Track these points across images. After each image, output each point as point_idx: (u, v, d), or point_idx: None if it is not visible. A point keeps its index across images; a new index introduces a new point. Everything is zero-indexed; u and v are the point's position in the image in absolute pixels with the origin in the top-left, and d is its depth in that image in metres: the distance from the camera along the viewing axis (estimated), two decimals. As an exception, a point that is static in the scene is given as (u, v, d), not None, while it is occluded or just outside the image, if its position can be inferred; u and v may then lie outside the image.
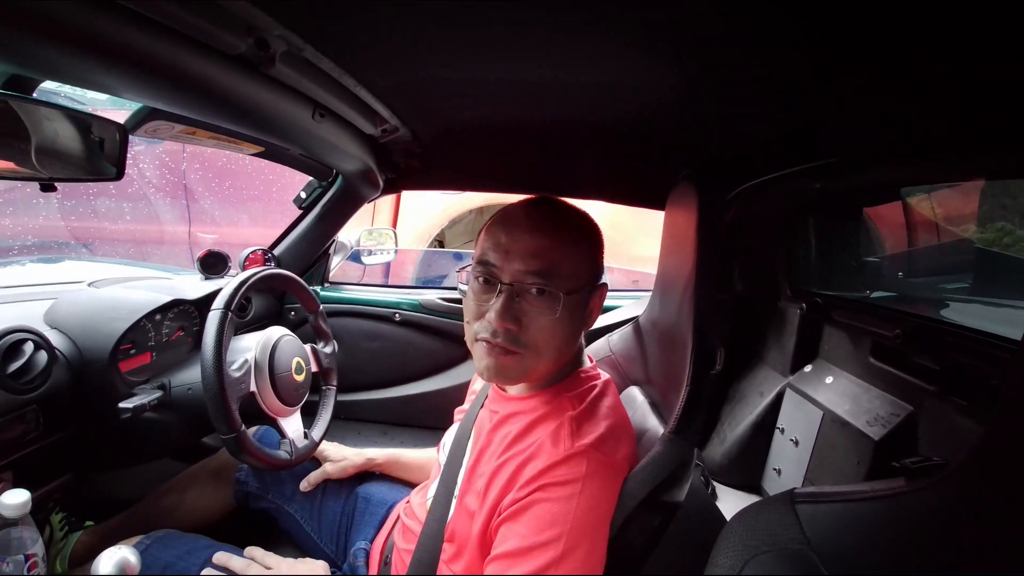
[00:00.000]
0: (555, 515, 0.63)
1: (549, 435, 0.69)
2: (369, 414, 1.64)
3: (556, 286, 0.69)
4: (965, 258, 1.76)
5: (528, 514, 0.64)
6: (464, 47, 0.69)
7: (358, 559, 0.95)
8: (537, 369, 0.72)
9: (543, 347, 0.70)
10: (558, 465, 0.65)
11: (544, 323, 0.69)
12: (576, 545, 0.62)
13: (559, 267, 0.69)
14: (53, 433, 0.92)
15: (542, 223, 0.72)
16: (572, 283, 0.70)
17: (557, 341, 0.71)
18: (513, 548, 0.63)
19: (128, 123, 0.90)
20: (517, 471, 0.68)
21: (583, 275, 0.72)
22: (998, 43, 0.53)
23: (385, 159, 1.29)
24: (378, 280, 2.82)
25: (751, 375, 1.75)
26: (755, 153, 1.13)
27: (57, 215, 3.02)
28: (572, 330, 0.73)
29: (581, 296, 0.72)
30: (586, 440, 0.67)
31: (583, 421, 0.70)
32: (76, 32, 0.52)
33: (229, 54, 0.64)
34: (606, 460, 0.67)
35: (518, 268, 0.69)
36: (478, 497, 0.72)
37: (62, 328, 1.00)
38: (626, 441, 0.72)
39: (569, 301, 0.69)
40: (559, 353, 0.73)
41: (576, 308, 0.72)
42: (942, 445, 1.07)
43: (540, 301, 0.69)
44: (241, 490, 1.10)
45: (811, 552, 0.47)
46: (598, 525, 0.64)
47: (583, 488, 0.64)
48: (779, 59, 0.67)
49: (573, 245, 0.72)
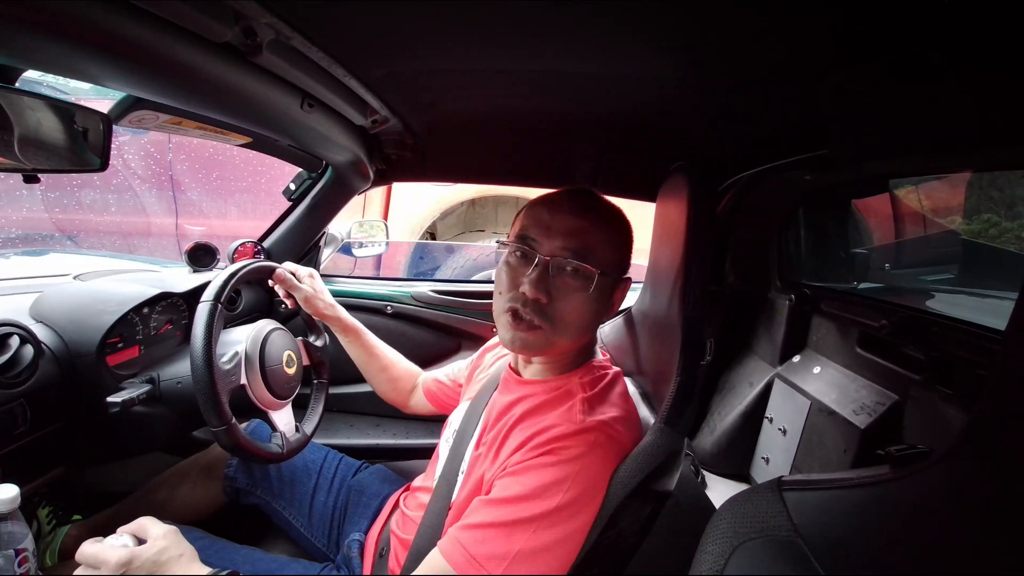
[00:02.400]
0: (557, 476, 0.65)
1: (561, 412, 0.71)
2: (361, 406, 1.64)
3: (592, 264, 0.72)
4: (951, 250, 1.78)
5: (531, 471, 0.66)
6: (457, 37, 0.68)
7: (352, 550, 0.95)
8: (557, 344, 0.75)
9: (568, 323, 0.73)
10: (569, 436, 0.67)
11: (574, 299, 0.73)
12: (570, 508, 0.64)
13: (595, 249, 0.73)
14: (41, 428, 0.91)
15: (584, 207, 0.76)
16: (604, 266, 0.73)
17: (581, 320, 0.75)
18: (510, 495, 0.65)
19: (112, 113, 0.89)
20: (527, 440, 0.70)
21: (613, 263, 0.76)
22: (988, 36, 0.54)
23: (376, 150, 1.28)
24: (369, 272, 2.81)
25: (741, 366, 1.77)
26: (746, 146, 1.14)
27: (41, 207, 2.96)
28: (595, 313, 0.76)
29: (609, 282, 0.75)
30: (598, 417, 0.70)
31: (595, 403, 0.73)
32: (58, 19, 0.50)
33: (215, 42, 0.63)
34: (617, 438, 0.69)
35: (557, 244, 0.73)
36: (481, 479, 0.74)
37: (48, 322, 0.98)
38: (634, 429, 0.74)
39: (600, 282, 0.72)
40: (579, 333, 0.76)
41: (602, 293, 0.75)
42: (927, 433, 1.09)
43: (573, 278, 0.72)
44: (231, 485, 1.10)
45: (798, 538, 0.48)
46: (594, 494, 0.66)
47: (589, 460, 0.66)
48: (772, 55, 0.67)
49: (609, 233, 0.76)
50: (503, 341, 0.76)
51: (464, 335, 1.66)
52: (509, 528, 0.64)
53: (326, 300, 1.13)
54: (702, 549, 0.53)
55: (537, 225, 0.75)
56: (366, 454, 1.29)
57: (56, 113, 0.75)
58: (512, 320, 0.74)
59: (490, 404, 0.86)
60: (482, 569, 0.62)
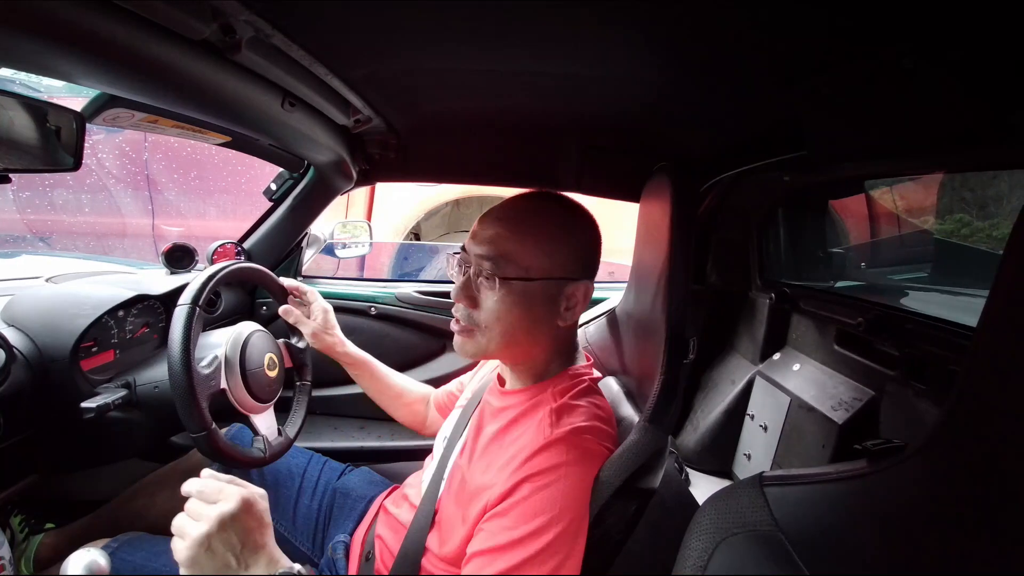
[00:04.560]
0: (538, 505, 0.64)
1: (532, 427, 0.72)
2: (346, 409, 1.62)
3: (501, 271, 0.72)
4: (925, 249, 1.83)
5: (514, 510, 0.65)
6: (440, 37, 0.68)
7: (337, 552, 0.94)
8: (491, 349, 0.76)
9: (491, 326, 0.74)
10: (539, 452, 0.67)
11: (490, 303, 0.73)
12: (561, 529, 0.64)
13: (513, 255, 0.73)
14: (13, 435, 0.88)
15: (508, 213, 0.76)
16: (520, 272, 0.73)
17: (504, 324, 0.74)
18: (502, 542, 0.64)
19: (86, 111, 0.86)
20: (504, 465, 0.70)
21: (537, 266, 0.73)
22: (962, 37, 0.55)
23: (359, 150, 1.27)
24: (353, 273, 2.78)
25: (723, 364, 1.80)
26: (727, 147, 1.15)
27: (12, 208, 2.88)
28: (526, 317, 0.74)
29: (536, 286, 0.73)
30: (564, 428, 0.69)
31: (563, 413, 0.72)
32: (30, 16, 0.49)
33: (193, 39, 0.62)
34: (584, 447, 0.69)
35: (476, 252, 0.75)
36: (463, 488, 0.74)
37: (20, 326, 0.95)
38: (605, 435, 0.73)
39: (517, 287, 0.72)
40: (511, 337, 0.75)
41: (532, 297, 0.74)
42: (902, 428, 1.12)
43: (489, 284, 0.73)
44: None
45: (779, 532, 0.49)
46: (580, 508, 0.66)
47: (565, 474, 0.66)
48: (753, 57, 0.68)
49: (535, 235, 0.74)
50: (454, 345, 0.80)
51: (449, 336, 1.63)
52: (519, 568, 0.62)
53: (337, 336, 1.10)
54: (686, 545, 0.54)
55: (471, 234, 0.78)
56: (350, 457, 1.28)
57: (28, 111, 0.73)
58: (454, 323, 0.78)
59: (476, 412, 0.86)
60: None
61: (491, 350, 0.76)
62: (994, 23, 0.52)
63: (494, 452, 0.74)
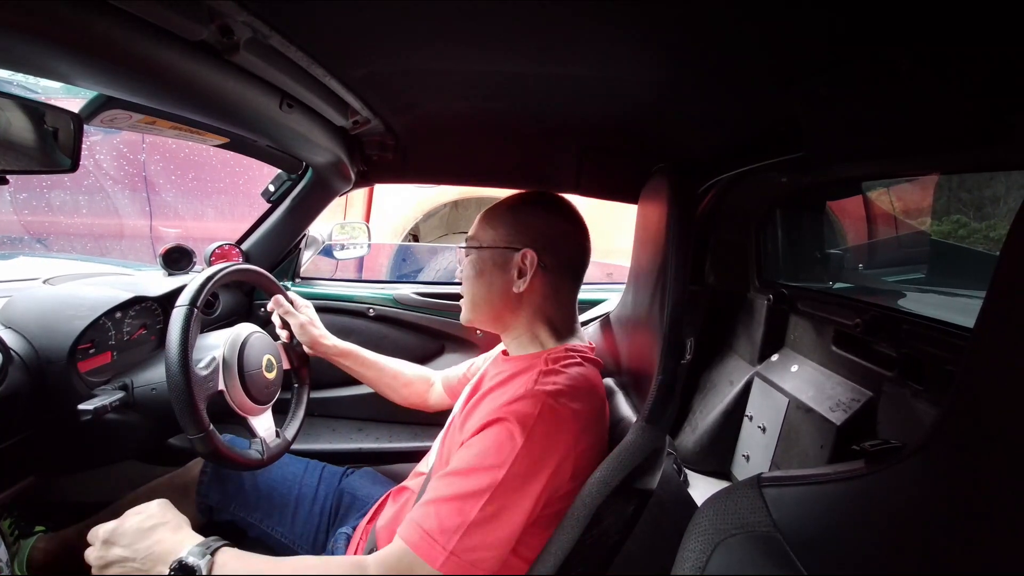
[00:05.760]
0: (501, 445, 0.68)
1: (519, 381, 0.77)
2: (343, 410, 1.62)
3: (466, 249, 0.90)
4: (922, 250, 1.84)
5: (479, 439, 0.70)
6: (438, 38, 0.68)
7: (338, 542, 0.94)
8: (468, 316, 0.92)
9: (464, 294, 0.91)
10: (516, 400, 0.71)
11: (466, 274, 0.90)
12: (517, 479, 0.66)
13: (473, 236, 0.90)
14: (10, 437, 0.88)
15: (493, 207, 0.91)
16: (474, 244, 0.89)
17: (468, 289, 0.90)
18: (461, 467, 0.69)
19: (83, 112, 0.86)
20: (486, 405, 0.75)
21: (485, 237, 0.88)
22: (959, 38, 0.56)
23: (357, 151, 1.27)
24: (351, 275, 2.78)
25: (721, 364, 1.80)
26: (725, 148, 1.16)
27: (9, 209, 2.87)
28: (482, 282, 0.88)
29: (484, 254, 0.87)
30: (545, 388, 0.73)
31: (548, 375, 0.76)
32: (27, 16, 0.49)
33: (190, 40, 0.62)
34: (558, 409, 0.71)
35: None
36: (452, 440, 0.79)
37: (17, 327, 0.95)
38: (583, 398, 0.75)
39: (472, 257, 0.89)
40: (476, 301, 0.90)
41: (483, 264, 0.88)
42: (899, 428, 1.12)
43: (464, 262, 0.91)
44: (203, 502, 1.07)
45: (777, 533, 0.49)
46: (542, 468, 0.68)
47: (532, 430, 0.68)
48: (753, 60, 0.68)
49: (486, 217, 0.90)
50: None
51: (447, 337, 1.65)
52: (461, 501, 0.66)
53: (322, 330, 1.16)
54: (684, 546, 0.54)
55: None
56: (349, 458, 1.28)
57: (26, 113, 0.73)
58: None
59: (478, 380, 0.93)
60: (435, 543, 0.64)
61: (469, 317, 0.91)
62: (991, 24, 0.52)
63: (483, 404, 0.77)
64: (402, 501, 0.90)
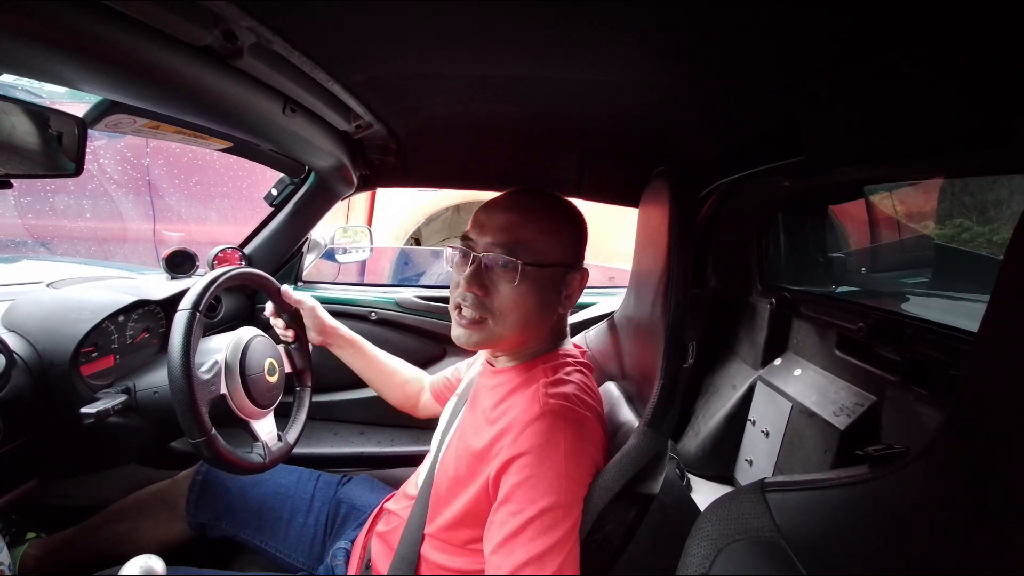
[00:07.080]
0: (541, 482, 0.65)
1: (526, 397, 0.73)
2: (345, 414, 1.62)
3: (518, 257, 0.74)
4: (925, 254, 1.83)
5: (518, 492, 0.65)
6: (439, 43, 0.68)
7: (337, 558, 0.94)
8: (503, 335, 0.78)
9: (507, 313, 0.76)
10: (534, 422, 0.68)
11: (506, 290, 0.75)
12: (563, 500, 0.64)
13: (525, 242, 0.75)
14: (13, 440, 0.88)
15: (517, 203, 0.79)
16: (536, 257, 0.76)
17: (520, 310, 0.76)
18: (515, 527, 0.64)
19: (87, 117, 0.87)
20: (499, 435, 0.71)
21: (551, 253, 0.77)
22: (961, 41, 0.56)
23: (359, 155, 1.27)
24: (353, 279, 2.78)
25: (724, 369, 1.79)
26: (726, 152, 1.16)
27: (14, 213, 2.89)
28: (539, 303, 0.77)
29: (548, 272, 0.77)
30: (558, 399, 0.71)
31: (554, 385, 0.74)
32: (32, 21, 0.49)
33: (194, 45, 0.62)
34: (578, 413, 0.70)
35: (488, 240, 0.76)
36: (462, 453, 0.76)
37: (20, 331, 0.95)
38: (591, 404, 0.75)
39: (532, 272, 0.75)
40: (525, 323, 0.77)
41: (544, 283, 0.77)
42: (903, 433, 1.12)
43: (504, 271, 0.75)
44: (193, 520, 1.07)
45: (781, 539, 0.48)
46: (582, 477, 0.67)
47: (561, 441, 0.67)
48: (754, 63, 0.68)
49: (543, 224, 0.78)
50: (453, 337, 0.80)
51: (449, 341, 1.63)
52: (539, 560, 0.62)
53: (329, 318, 1.14)
54: (687, 552, 0.54)
55: (475, 225, 0.80)
56: (350, 462, 1.27)
57: (30, 117, 0.73)
58: (457, 315, 0.79)
59: (470, 395, 0.89)
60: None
61: (504, 337, 0.78)
62: (993, 27, 0.52)
63: (492, 419, 0.75)
64: (392, 527, 0.88)
